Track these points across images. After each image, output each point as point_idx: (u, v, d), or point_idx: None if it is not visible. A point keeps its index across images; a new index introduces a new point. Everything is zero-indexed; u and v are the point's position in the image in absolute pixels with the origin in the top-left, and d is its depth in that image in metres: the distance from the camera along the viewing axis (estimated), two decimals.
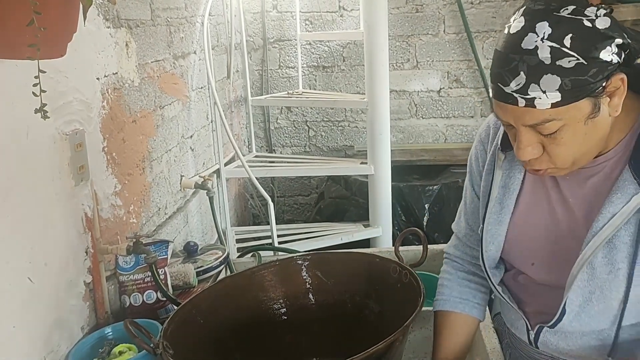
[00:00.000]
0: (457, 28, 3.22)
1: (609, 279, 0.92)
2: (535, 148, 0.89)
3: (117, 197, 1.49)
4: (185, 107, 2.17)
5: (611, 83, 0.84)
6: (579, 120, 0.86)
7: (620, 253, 0.91)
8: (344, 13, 3.27)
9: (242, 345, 1.19)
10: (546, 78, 0.82)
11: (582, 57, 0.81)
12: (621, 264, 0.91)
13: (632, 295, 0.91)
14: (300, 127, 3.47)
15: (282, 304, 1.27)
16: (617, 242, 0.91)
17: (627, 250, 0.90)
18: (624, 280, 0.91)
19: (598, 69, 0.82)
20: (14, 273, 1.04)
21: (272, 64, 3.36)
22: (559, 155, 0.89)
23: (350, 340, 1.21)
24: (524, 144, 0.89)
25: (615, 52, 0.83)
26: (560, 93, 0.83)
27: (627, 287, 0.91)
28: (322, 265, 1.27)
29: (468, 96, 3.33)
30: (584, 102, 0.84)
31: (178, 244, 1.92)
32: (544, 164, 0.91)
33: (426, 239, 1.23)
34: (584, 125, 0.86)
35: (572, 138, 0.87)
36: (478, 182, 1.14)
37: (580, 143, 0.88)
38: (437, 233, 2.85)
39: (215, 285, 1.24)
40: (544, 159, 0.91)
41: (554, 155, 0.89)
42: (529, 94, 0.84)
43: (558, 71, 0.82)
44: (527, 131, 0.88)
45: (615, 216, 0.90)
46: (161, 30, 1.90)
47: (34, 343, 1.10)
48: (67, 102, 1.23)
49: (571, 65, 0.81)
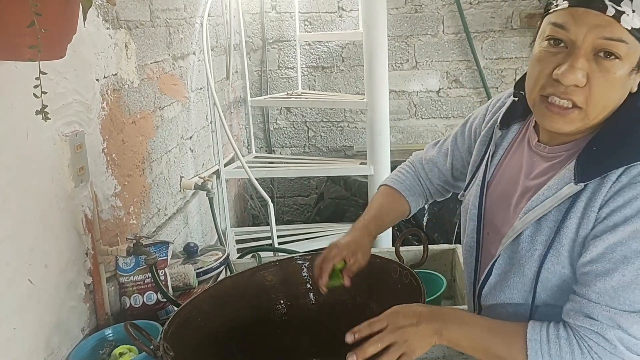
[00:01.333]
0: (456, 28, 3.23)
1: (526, 256, 0.95)
2: (583, 76, 0.85)
3: (117, 199, 1.49)
4: (185, 108, 2.17)
5: None
6: (631, 64, 0.84)
7: (542, 235, 0.93)
8: (343, 13, 3.27)
9: (243, 345, 1.19)
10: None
11: None
12: (539, 245, 0.93)
13: (542, 277, 0.93)
14: (300, 127, 3.47)
15: (282, 304, 1.26)
16: (543, 224, 0.93)
17: (548, 234, 0.93)
18: (538, 261, 0.93)
19: None
20: (14, 275, 1.04)
21: (271, 65, 3.36)
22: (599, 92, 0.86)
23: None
24: (577, 65, 0.84)
25: None
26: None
27: (539, 267, 0.93)
28: None
29: (467, 96, 3.33)
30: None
31: (178, 245, 1.92)
32: (580, 98, 0.87)
33: (427, 239, 1.23)
34: (627, 76, 0.85)
35: (618, 79, 0.85)
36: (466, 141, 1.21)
37: (616, 91, 0.87)
38: (437, 233, 2.86)
39: (216, 286, 1.24)
40: (583, 92, 0.86)
41: (595, 90, 0.85)
42: (621, 6, 0.82)
43: None
44: (585, 54, 0.85)
45: (548, 199, 0.92)
46: (160, 31, 1.90)
47: (34, 345, 1.10)
48: (66, 104, 1.23)
49: None
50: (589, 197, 0.89)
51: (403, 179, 1.33)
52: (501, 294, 1.01)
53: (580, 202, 0.90)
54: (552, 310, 0.95)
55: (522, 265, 0.96)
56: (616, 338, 0.84)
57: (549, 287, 0.94)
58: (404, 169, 1.35)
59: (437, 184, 1.31)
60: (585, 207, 0.89)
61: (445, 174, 1.29)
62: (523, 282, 0.97)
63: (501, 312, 1.02)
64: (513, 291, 0.99)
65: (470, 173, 1.17)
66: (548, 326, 0.90)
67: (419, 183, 1.33)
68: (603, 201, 0.87)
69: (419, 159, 1.35)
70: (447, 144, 1.28)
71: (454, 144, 1.26)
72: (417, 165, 1.34)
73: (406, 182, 1.32)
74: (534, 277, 0.95)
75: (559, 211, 0.92)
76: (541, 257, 0.93)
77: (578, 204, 0.90)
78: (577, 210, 0.90)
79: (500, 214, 1.05)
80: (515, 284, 0.98)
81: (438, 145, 1.32)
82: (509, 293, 1.00)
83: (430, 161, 1.31)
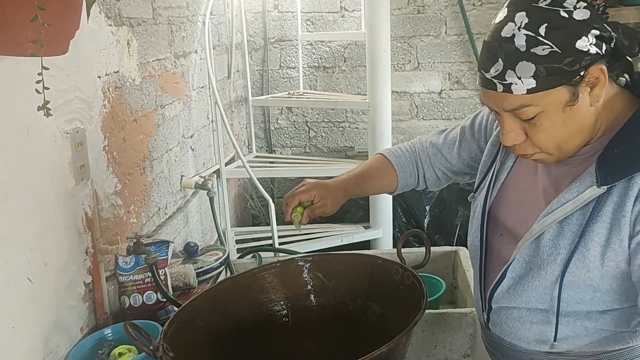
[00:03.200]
0: (458, 29, 3.22)
1: (548, 260, 0.95)
2: (518, 134, 0.93)
3: (118, 197, 1.48)
4: (186, 107, 2.16)
5: (590, 73, 0.86)
6: (556, 107, 0.88)
7: (565, 240, 0.94)
8: (345, 13, 3.26)
9: (243, 347, 1.18)
10: (521, 65, 0.86)
11: (557, 46, 0.84)
12: (563, 249, 0.94)
13: (566, 280, 0.94)
14: (301, 127, 3.46)
15: (283, 305, 1.25)
16: (566, 228, 0.94)
17: (572, 238, 0.93)
18: (561, 265, 0.94)
19: (574, 58, 0.85)
20: (13, 273, 1.03)
21: (272, 64, 3.35)
22: (541, 140, 0.92)
23: (352, 343, 1.20)
24: (507, 129, 0.93)
25: (593, 43, 0.85)
26: (535, 79, 0.86)
27: (563, 271, 0.93)
28: (323, 266, 1.26)
29: (469, 98, 3.32)
30: (561, 89, 0.87)
31: (178, 245, 1.91)
32: (529, 149, 0.94)
33: (429, 240, 1.22)
34: (562, 112, 0.89)
35: (550, 124, 0.90)
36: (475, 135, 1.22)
37: (560, 130, 0.91)
38: (438, 235, 2.85)
39: (216, 287, 1.23)
40: (528, 144, 0.94)
41: (536, 140, 0.92)
42: (506, 79, 0.87)
43: (533, 58, 0.85)
44: (509, 117, 0.92)
45: (569, 202, 0.93)
46: (162, 29, 1.89)
47: (33, 344, 1.09)
48: (68, 101, 1.22)
49: (545, 53, 0.85)
50: (617, 202, 0.89)
51: (399, 154, 1.32)
52: (517, 297, 1.00)
53: (608, 206, 0.90)
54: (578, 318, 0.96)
55: (543, 269, 0.96)
56: None
57: (572, 291, 0.94)
58: (404, 146, 1.34)
59: (439, 170, 1.30)
60: (615, 211, 0.89)
61: (451, 162, 1.28)
62: (544, 286, 0.96)
63: (515, 314, 1.02)
64: (531, 295, 0.98)
65: (481, 174, 1.16)
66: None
67: (414, 164, 1.31)
68: (633, 204, 0.88)
69: (422, 142, 1.33)
70: (454, 134, 1.27)
71: (462, 134, 1.25)
72: (418, 147, 1.33)
73: (402, 158, 1.31)
74: (557, 281, 0.94)
75: (583, 215, 0.92)
76: (565, 261, 0.93)
77: (606, 208, 0.90)
78: (606, 215, 0.90)
79: (514, 216, 1.05)
80: (535, 287, 0.97)
81: (445, 134, 1.30)
82: (526, 297, 0.99)
83: (434, 146, 1.30)
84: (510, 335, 1.06)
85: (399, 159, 1.30)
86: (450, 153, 1.27)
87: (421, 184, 1.33)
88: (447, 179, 1.32)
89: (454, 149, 1.26)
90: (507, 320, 1.04)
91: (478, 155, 1.21)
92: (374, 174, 1.30)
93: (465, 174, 1.29)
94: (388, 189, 1.32)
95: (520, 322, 1.03)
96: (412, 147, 1.33)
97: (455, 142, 1.26)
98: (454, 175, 1.31)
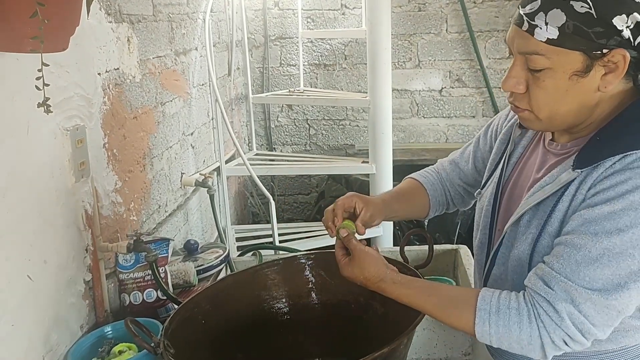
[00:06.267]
0: (459, 27, 3.21)
1: (521, 239, 0.97)
2: (520, 83, 0.92)
3: (118, 194, 1.48)
4: (186, 104, 2.15)
5: (612, 55, 0.85)
6: (565, 70, 0.87)
7: (538, 219, 0.95)
8: (346, 11, 3.25)
9: (244, 344, 1.17)
10: (554, 12, 0.84)
11: (595, 10, 0.82)
12: (534, 228, 0.95)
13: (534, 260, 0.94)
14: (301, 125, 3.45)
15: (284, 303, 1.25)
16: (541, 209, 0.95)
17: (542, 217, 0.94)
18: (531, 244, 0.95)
19: (605, 31, 0.83)
20: (13, 270, 1.02)
21: (273, 62, 3.35)
22: (537, 99, 0.91)
23: (354, 341, 1.20)
24: (511, 73, 0.92)
25: (630, 27, 0.83)
26: (559, 32, 0.84)
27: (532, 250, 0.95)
28: (325, 264, 1.26)
29: (470, 96, 3.32)
30: (577, 55, 0.85)
31: (178, 242, 1.90)
32: (523, 103, 0.94)
33: (432, 239, 1.22)
34: (568, 79, 0.87)
35: (552, 86, 0.89)
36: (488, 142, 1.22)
37: (559, 97, 0.89)
38: (439, 233, 2.84)
39: (217, 284, 1.22)
40: (524, 98, 0.93)
41: (533, 97, 0.91)
42: (534, 20, 0.86)
43: (568, 10, 0.83)
44: (519, 62, 0.91)
45: (548, 185, 0.94)
46: (163, 26, 1.88)
47: (32, 342, 1.09)
48: (68, 98, 1.21)
49: (582, 11, 0.83)
50: (580, 181, 0.90)
51: (426, 175, 1.32)
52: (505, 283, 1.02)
53: (572, 186, 0.91)
54: None
55: (517, 249, 0.97)
56: (565, 311, 0.85)
57: None
58: (428, 170, 1.34)
59: (458, 185, 1.30)
60: (576, 190, 0.91)
61: (467, 174, 1.27)
62: (522, 266, 0.97)
63: None
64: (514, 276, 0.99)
65: (489, 171, 1.16)
66: (500, 295, 0.91)
67: (441, 185, 1.31)
68: (592, 184, 0.89)
69: (442, 162, 1.34)
70: (470, 147, 1.28)
71: (477, 146, 1.25)
72: (439, 168, 1.34)
73: (429, 177, 1.31)
74: (527, 260, 0.95)
75: (555, 196, 0.93)
76: (534, 240, 0.95)
77: (570, 189, 0.91)
78: (569, 194, 0.91)
79: (510, 211, 1.05)
80: (515, 268, 0.99)
81: (462, 149, 1.32)
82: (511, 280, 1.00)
83: (452, 162, 1.31)
84: None
85: (427, 179, 1.31)
86: (467, 166, 1.27)
87: (450, 204, 1.33)
88: (468, 194, 1.30)
89: (470, 161, 1.26)
90: None
91: None
92: (409, 195, 1.29)
93: None
94: (422, 211, 1.30)
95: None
96: (435, 168, 1.34)
97: (471, 153, 1.26)
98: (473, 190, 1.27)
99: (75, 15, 0.90)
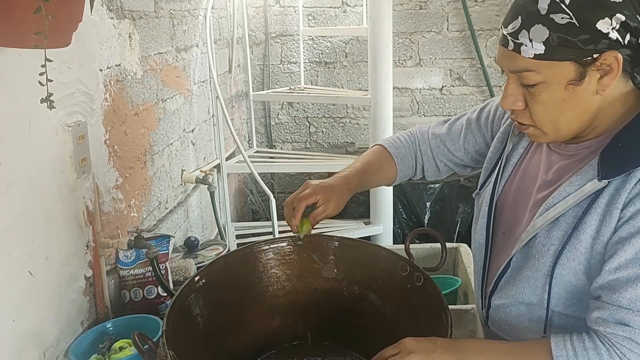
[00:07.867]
0: (460, 26, 3.21)
1: (542, 251, 0.95)
2: (518, 100, 0.92)
3: (119, 191, 1.48)
4: (187, 101, 2.15)
5: (604, 58, 0.84)
6: (559, 82, 0.86)
7: (559, 231, 0.93)
8: (347, 9, 3.24)
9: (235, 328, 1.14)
10: (536, 28, 0.84)
11: (576, 19, 0.82)
12: (555, 240, 0.93)
13: (556, 272, 0.93)
14: (301, 123, 3.45)
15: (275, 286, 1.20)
16: (561, 219, 0.93)
17: (565, 229, 0.92)
18: (553, 256, 0.93)
19: (590, 37, 0.82)
20: (14, 266, 1.03)
21: (273, 59, 3.34)
22: (537, 113, 0.91)
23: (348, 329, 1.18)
24: (507, 92, 0.92)
25: (615, 28, 0.82)
26: (545, 46, 0.84)
27: (554, 263, 0.92)
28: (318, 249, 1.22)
29: (470, 94, 3.31)
30: (568, 65, 0.85)
31: (178, 239, 1.90)
32: (525, 119, 0.94)
33: (444, 241, 1.20)
34: (564, 89, 0.87)
35: (549, 98, 0.88)
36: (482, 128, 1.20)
37: (558, 108, 0.89)
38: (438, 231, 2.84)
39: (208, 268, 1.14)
40: (525, 114, 0.93)
41: (533, 112, 0.91)
42: (518, 39, 0.86)
43: (549, 24, 0.83)
44: (513, 79, 0.91)
45: (570, 196, 0.91)
46: (164, 22, 1.88)
47: (33, 337, 1.09)
48: (69, 94, 1.21)
49: (563, 22, 0.83)
50: (611, 195, 0.88)
51: (399, 146, 1.28)
52: (513, 290, 1.00)
53: (602, 199, 0.88)
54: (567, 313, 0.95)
55: (536, 260, 0.95)
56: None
57: (562, 284, 0.93)
58: (403, 136, 1.30)
59: (441, 162, 1.27)
60: (608, 204, 0.88)
61: (455, 154, 1.25)
62: (535, 278, 0.96)
63: (514, 312, 1.01)
64: (525, 286, 0.98)
65: (486, 171, 1.15)
66: (572, 339, 0.87)
67: (413, 156, 1.28)
68: (627, 199, 0.86)
69: (422, 132, 1.30)
70: (459, 125, 1.24)
71: (468, 127, 1.22)
72: (418, 138, 1.29)
73: (401, 149, 1.28)
74: (549, 273, 0.94)
75: (579, 207, 0.91)
76: (557, 253, 0.92)
77: (599, 201, 0.89)
78: (599, 208, 0.89)
79: (518, 213, 1.04)
80: (528, 278, 0.97)
81: (448, 124, 1.27)
82: (521, 288, 0.98)
83: (437, 137, 1.26)
84: (509, 333, 1.05)
85: (398, 151, 1.28)
86: (455, 145, 1.24)
87: (418, 174, 1.31)
88: (448, 171, 1.30)
89: (459, 141, 1.23)
90: (506, 318, 1.04)
91: (483, 149, 1.20)
92: (375, 168, 1.27)
93: (467, 167, 1.28)
94: (387, 181, 1.30)
95: (517, 320, 1.02)
96: (411, 138, 1.30)
97: (460, 134, 1.23)
98: (455, 168, 1.28)
99: (78, 11, 0.89)
